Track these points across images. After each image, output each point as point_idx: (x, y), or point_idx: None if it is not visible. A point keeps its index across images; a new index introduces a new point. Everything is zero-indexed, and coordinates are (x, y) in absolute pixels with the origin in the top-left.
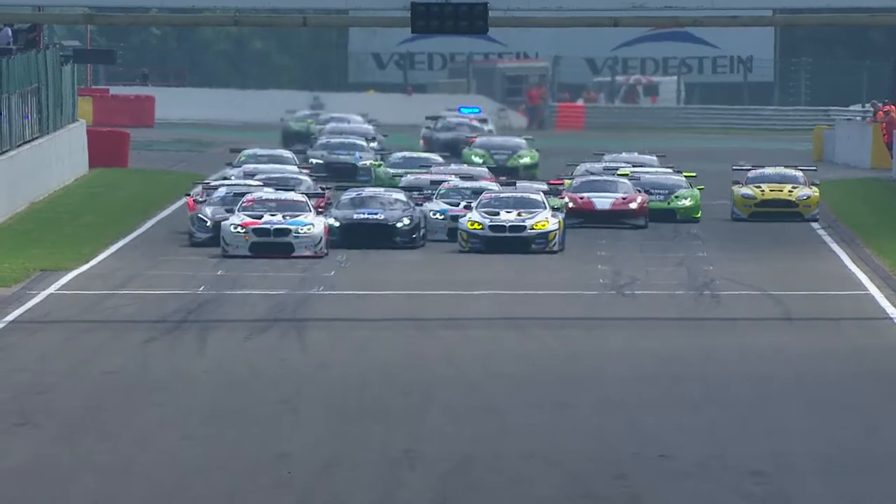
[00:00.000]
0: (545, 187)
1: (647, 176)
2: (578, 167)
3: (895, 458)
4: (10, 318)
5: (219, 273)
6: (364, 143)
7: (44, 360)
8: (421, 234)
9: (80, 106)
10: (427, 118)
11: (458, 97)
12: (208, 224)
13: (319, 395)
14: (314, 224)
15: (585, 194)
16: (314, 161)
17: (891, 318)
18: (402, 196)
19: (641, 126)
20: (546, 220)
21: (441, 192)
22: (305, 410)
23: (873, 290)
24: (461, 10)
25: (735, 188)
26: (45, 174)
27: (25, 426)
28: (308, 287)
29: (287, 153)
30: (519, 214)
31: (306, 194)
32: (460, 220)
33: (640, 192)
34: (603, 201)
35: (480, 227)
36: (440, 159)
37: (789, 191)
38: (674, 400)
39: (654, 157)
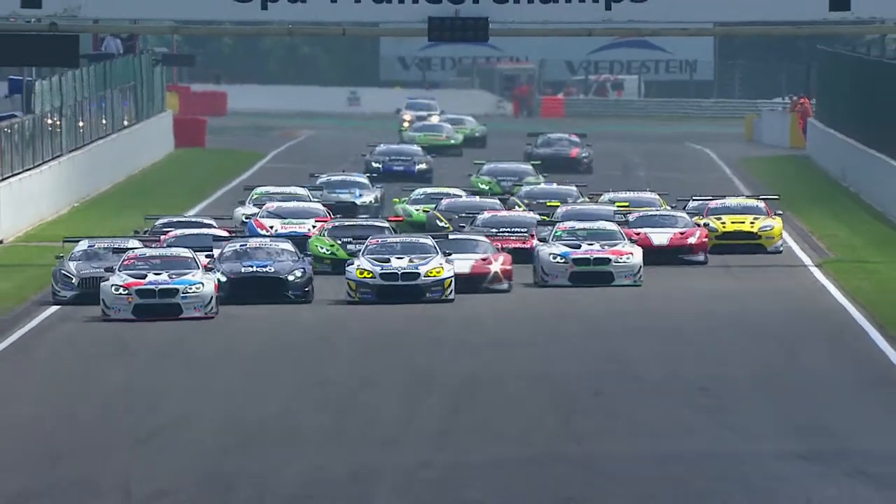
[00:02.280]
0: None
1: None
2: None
3: (810, 376)
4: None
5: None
6: (365, 181)
7: None
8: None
9: (167, 99)
10: (528, 135)
11: (465, 92)
12: (74, 281)
13: (351, 336)
14: (203, 283)
15: (642, 230)
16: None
17: (807, 266)
18: (289, 246)
19: (609, 115)
20: (441, 267)
21: (558, 233)
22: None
23: (793, 244)
24: (468, 23)
25: (696, 220)
26: (140, 153)
27: (122, 355)
28: None
29: (301, 190)
30: (411, 261)
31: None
32: (347, 268)
33: (698, 225)
34: (661, 237)
35: (371, 275)
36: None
37: (751, 222)
38: (644, 331)
39: (656, 196)
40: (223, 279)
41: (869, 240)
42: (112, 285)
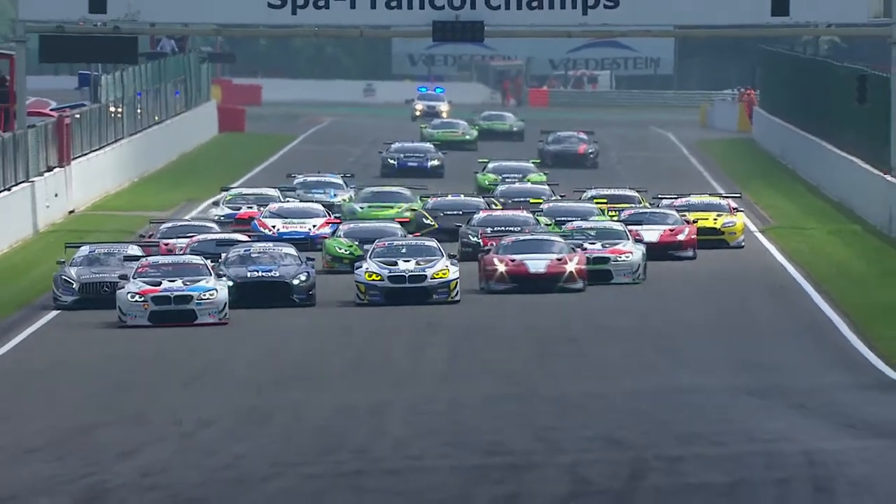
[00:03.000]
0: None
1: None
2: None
3: (756, 323)
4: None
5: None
6: (340, 181)
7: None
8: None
9: (212, 90)
10: (541, 132)
11: (465, 84)
12: (74, 286)
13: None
14: (217, 289)
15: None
16: (289, 201)
17: (752, 232)
18: (292, 250)
19: (586, 104)
20: (447, 269)
21: (566, 233)
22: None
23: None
24: (466, 26)
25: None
26: (189, 136)
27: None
28: None
29: (273, 191)
30: (417, 263)
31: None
32: (356, 271)
33: (687, 223)
34: (650, 234)
35: (379, 277)
36: (407, 192)
37: (714, 219)
38: (611, 288)
39: (635, 193)
40: (230, 284)
41: (805, 210)
42: (128, 293)
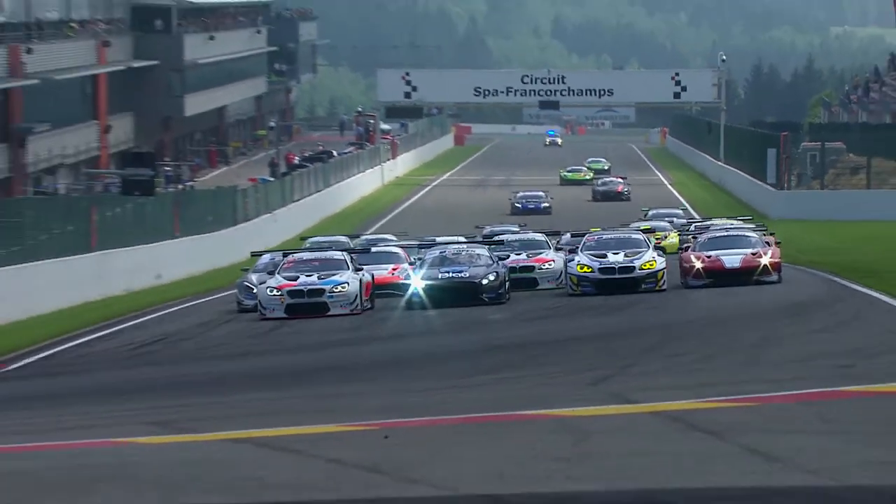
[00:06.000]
0: None
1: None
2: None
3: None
4: (410, 200)
5: None
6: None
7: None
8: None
9: (451, 128)
10: (594, 175)
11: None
12: (254, 291)
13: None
14: (349, 282)
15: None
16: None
17: (665, 184)
18: (485, 251)
19: (603, 133)
20: (653, 260)
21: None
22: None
23: (664, 180)
24: (552, 102)
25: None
26: (443, 144)
27: None
28: None
29: (343, 238)
30: (626, 255)
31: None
32: (569, 264)
33: (769, 244)
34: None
35: (590, 269)
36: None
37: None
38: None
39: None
40: (423, 284)
41: (692, 178)
42: (267, 287)
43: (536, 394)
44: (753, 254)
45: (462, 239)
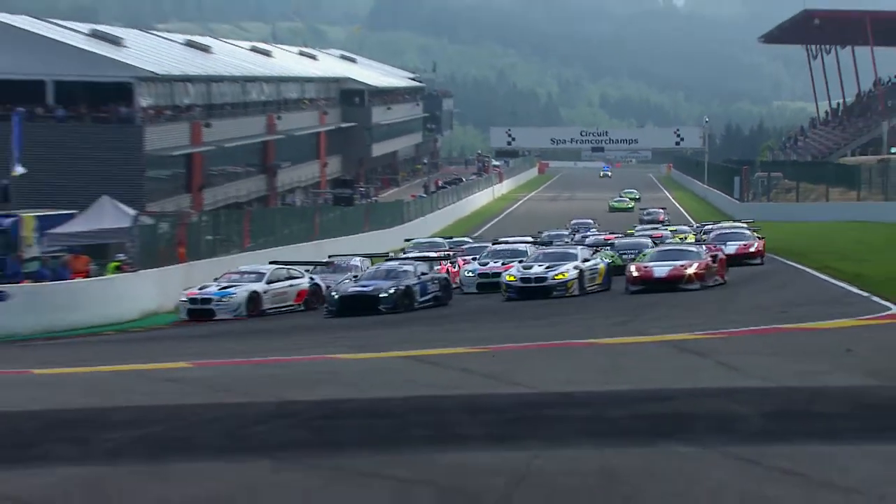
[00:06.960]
0: None
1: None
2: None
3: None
4: (510, 209)
5: None
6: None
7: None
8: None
9: (536, 163)
10: (640, 208)
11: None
12: (335, 296)
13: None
14: (236, 293)
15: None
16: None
17: (664, 190)
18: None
19: (631, 166)
20: (566, 272)
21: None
22: None
23: (667, 193)
24: (600, 149)
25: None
26: (527, 175)
27: None
28: None
29: (440, 239)
30: (547, 267)
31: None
32: (502, 273)
33: (758, 238)
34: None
35: (514, 278)
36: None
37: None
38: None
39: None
40: (335, 296)
41: (687, 195)
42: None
43: (583, 329)
44: (682, 265)
45: (529, 239)
